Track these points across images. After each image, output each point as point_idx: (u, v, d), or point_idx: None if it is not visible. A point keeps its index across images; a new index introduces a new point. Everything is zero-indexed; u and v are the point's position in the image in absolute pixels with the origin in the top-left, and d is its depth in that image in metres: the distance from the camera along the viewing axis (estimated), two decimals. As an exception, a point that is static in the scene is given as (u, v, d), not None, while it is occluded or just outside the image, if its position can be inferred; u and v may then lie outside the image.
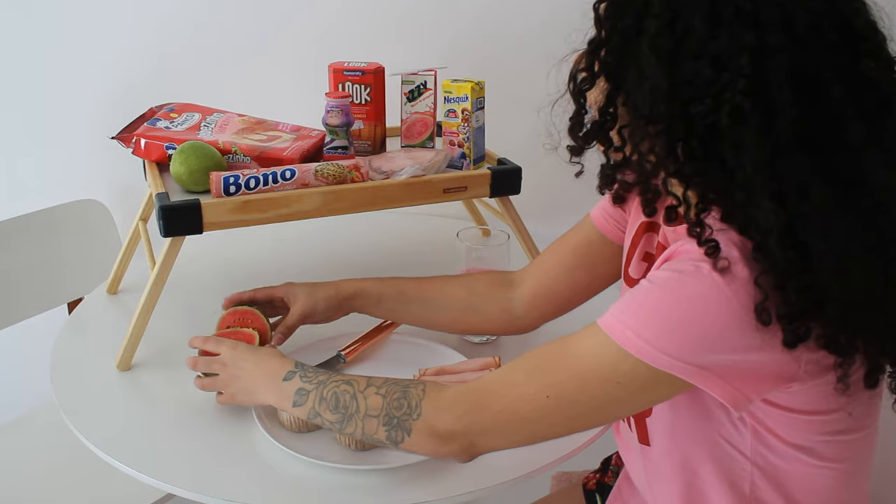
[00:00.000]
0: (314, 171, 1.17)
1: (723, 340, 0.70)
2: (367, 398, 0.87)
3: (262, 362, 0.97)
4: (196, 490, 0.93)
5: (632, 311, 0.74)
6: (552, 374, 0.78)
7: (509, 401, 0.80)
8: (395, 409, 0.85)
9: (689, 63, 0.69)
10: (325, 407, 0.89)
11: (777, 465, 0.82)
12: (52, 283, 1.55)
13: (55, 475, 1.34)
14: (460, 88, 1.28)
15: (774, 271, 0.68)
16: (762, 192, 0.68)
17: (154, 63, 1.66)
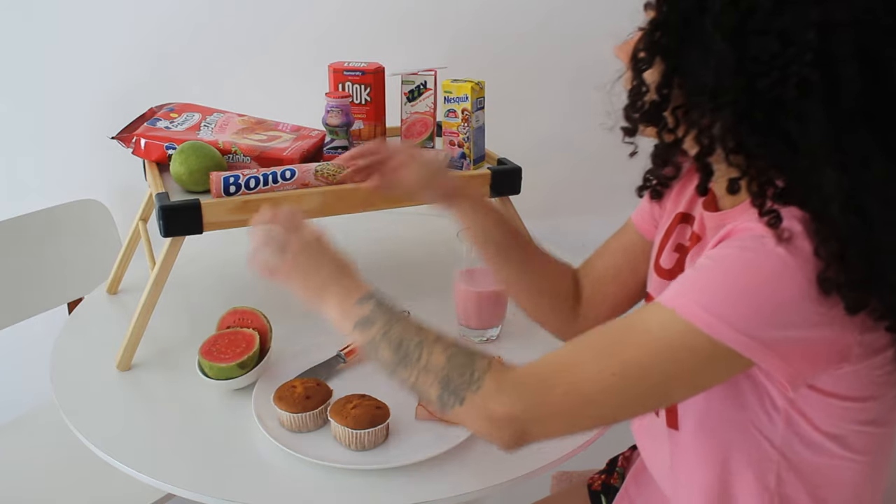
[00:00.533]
0: (314, 171, 1.17)
1: (786, 314, 0.71)
2: (433, 353, 0.82)
3: (339, 273, 0.91)
4: (196, 490, 0.93)
5: (697, 288, 0.74)
6: (619, 352, 0.76)
7: (574, 382, 0.77)
8: (457, 373, 0.80)
9: (755, 39, 0.70)
10: (388, 347, 0.84)
11: (804, 456, 0.82)
12: (52, 283, 1.55)
13: (55, 475, 1.34)
14: (460, 88, 1.28)
15: (836, 239, 0.69)
16: (826, 161, 0.70)
17: (154, 63, 1.66)
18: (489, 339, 1.23)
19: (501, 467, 0.96)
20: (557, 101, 1.66)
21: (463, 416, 0.80)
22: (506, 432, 0.79)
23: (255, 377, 1.09)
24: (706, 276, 0.74)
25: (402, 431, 1.01)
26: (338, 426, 0.98)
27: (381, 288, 1.40)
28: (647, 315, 0.77)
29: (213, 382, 1.07)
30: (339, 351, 1.15)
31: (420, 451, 0.97)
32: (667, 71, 0.77)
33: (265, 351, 1.12)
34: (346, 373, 1.14)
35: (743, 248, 0.72)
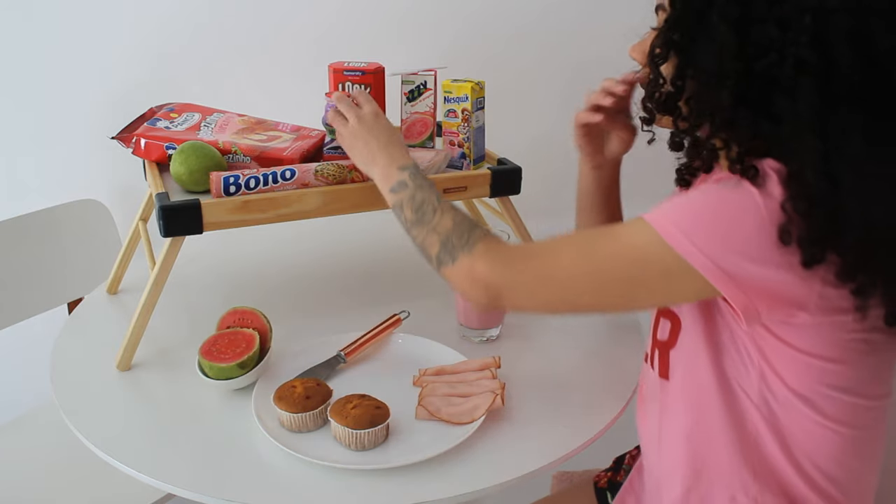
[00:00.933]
0: (314, 171, 1.17)
1: (746, 245, 0.77)
2: (443, 217, 0.98)
3: (389, 144, 1.09)
4: (196, 490, 0.93)
5: (672, 207, 0.82)
6: (591, 246, 0.87)
7: (548, 262, 0.88)
8: (457, 235, 0.95)
9: (756, 26, 0.78)
10: (411, 205, 1.01)
11: (778, 414, 0.87)
12: (52, 283, 1.55)
13: (55, 475, 1.34)
14: (460, 88, 1.28)
15: (805, 198, 0.75)
16: (809, 130, 0.76)
17: (154, 63, 1.66)
18: (489, 339, 1.23)
19: (501, 467, 0.96)
20: (557, 101, 1.65)
21: (452, 274, 0.95)
22: (482, 292, 0.92)
23: (255, 377, 1.09)
24: (684, 201, 0.82)
25: (402, 431, 1.01)
26: (338, 426, 0.98)
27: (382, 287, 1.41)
28: (627, 225, 0.86)
29: (213, 382, 1.07)
30: (339, 351, 1.15)
31: (420, 451, 0.97)
32: (681, 64, 0.84)
33: (265, 351, 1.12)
34: (346, 373, 1.14)
35: (721, 184, 0.80)
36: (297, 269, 1.47)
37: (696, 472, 0.93)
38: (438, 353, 1.16)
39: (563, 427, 1.03)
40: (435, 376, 1.11)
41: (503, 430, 1.02)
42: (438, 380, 1.10)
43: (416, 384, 1.10)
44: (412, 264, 1.49)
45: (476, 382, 1.08)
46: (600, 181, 1.18)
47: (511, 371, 1.13)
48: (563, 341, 1.24)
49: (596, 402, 1.08)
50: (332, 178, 1.18)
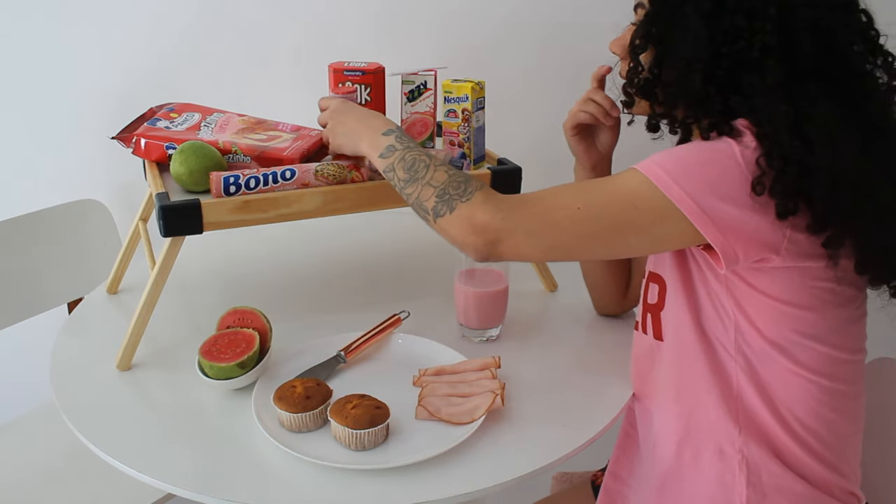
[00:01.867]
0: (314, 171, 1.17)
1: (725, 187, 0.85)
2: (436, 171, 0.99)
3: (366, 117, 1.12)
4: (196, 490, 0.93)
5: (661, 156, 0.89)
6: (588, 192, 0.94)
7: (547, 206, 0.93)
8: (453, 187, 0.97)
9: (727, 17, 0.86)
10: (402, 166, 1.02)
11: (755, 366, 0.94)
12: (52, 283, 1.55)
13: (55, 475, 1.34)
14: (460, 88, 1.28)
15: (780, 157, 0.83)
16: (779, 98, 0.85)
17: (154, 63, 1.66)
18: (489, 339, 1.23)
19: (501, 467, 0.96)
20: (557, 101, 1.65)
21: (449, 223, 0.96)
22: (481, 238, 0.93)
23: (255, 377, 1.09)
24: (672, 151, 0.90)
25: (402, 431, 1.01)
26: (338, 426, 0.98)
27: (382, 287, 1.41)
28: (621, 173, 0.92)
29: (213, 382, 1.07)
30: (339, 351, 1.15)
31: (420, 451, 0.97)
32: (658, 53, 0.92)
33: (265, 351, 1.11)
34: (346, 373, 1.14)
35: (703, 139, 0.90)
36: (297, 269, 1.47)
37: (686, 427, 0.99)
38: (438, 353, 1.16)
39: (563, 427, 1.03)
40: (435, 376, 1.11)
41: (503, 430, 1.02)
42: (438, 380, 1.10)
43: (416, 384, 1.10)
44: (412, 264, 1.50)
45: (476, 382, 1.08)
46: None
47: (511, 371, 1.13)
48: (562, 341, 1.24)
49: (596, 402, 1.08)
50: (332, 178, 1.18)
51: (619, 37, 1.03)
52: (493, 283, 1.20)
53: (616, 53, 1.04)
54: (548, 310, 1.34)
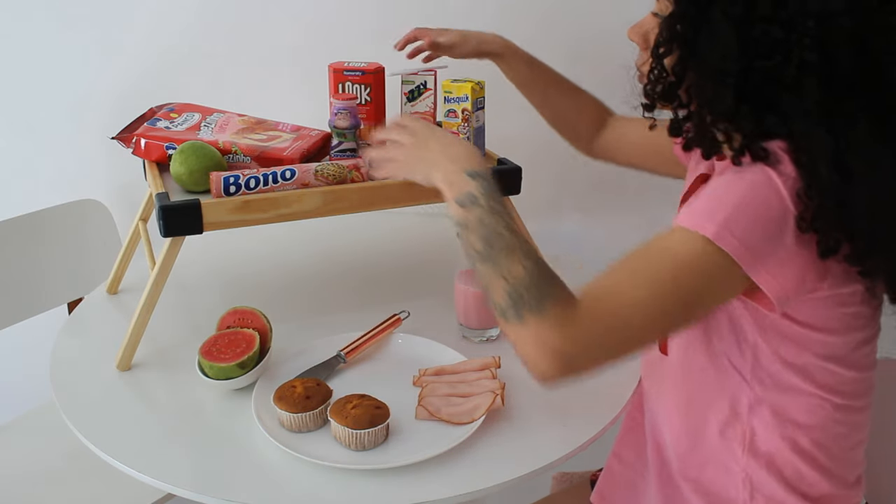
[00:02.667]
0: (314, 171, 1.17)
1: (773, 228, 0.80)
2: (516, 262, 0.83)
3: (451, 144, 0.97)
4: (196, 490, 0.93)
5: (704, 204, 0.83)
6: (649, 272, 0.82)
7: (616, 311, 0.82)
8: (529, 291, 0.81)
9: (759, 26, 0.80)
10: (479, 234, 0.86)
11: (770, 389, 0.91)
12: (52, 283, 1.55)
13: (55, 475, 1.34)
14: (460, 88, 1.28)
15: (817, 188, 0.78)
16: (817, 124, 0.79)
17: (154, 63, 1.66)
18: (489, 339, 1.23)
19: (501, 467, 0.96)
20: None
21: (517, 336, 0.82)
22: (552, 365, 0.80)
23: (255, 377, 1.09)
24: (710, 195, 0.84)
25: (402, 431, 1.01)
26: (338, 426, 0.98)
27: (382, 287, 1.40)
28: (668, 236, 0.84)
29: (213, 382, 1.07)
30: (339, 351, 1.15)
31: (420, 451, 0.97)
32: (682, 56, 0.85)
33: (265, 351, 1.11)
34: (346, 373, 1.14)
35: (740, 170, 0.82)
36: (297, 269, 1.47)
37: (693, 443, 0.97)
38: (438, 353, 1.16)
39: (563, 427, 1.03)
40: (435, 376, 1.11)
41: (503, 430, 1.02)
42: (438, 380, 1.10)
43: (416, 384, 1.10)
44: (412, 264, 1.50)
45: (476, 382, 1.08)
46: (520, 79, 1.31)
47: (511, 371, 1.13)
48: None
49: (596, 402, 1.08)
50: (332, 178, 1.18)
51: (638, 24, 0.96)
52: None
53: (634, 41, 0.98)
54: (548, 310, 1.33)
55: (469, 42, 1.29)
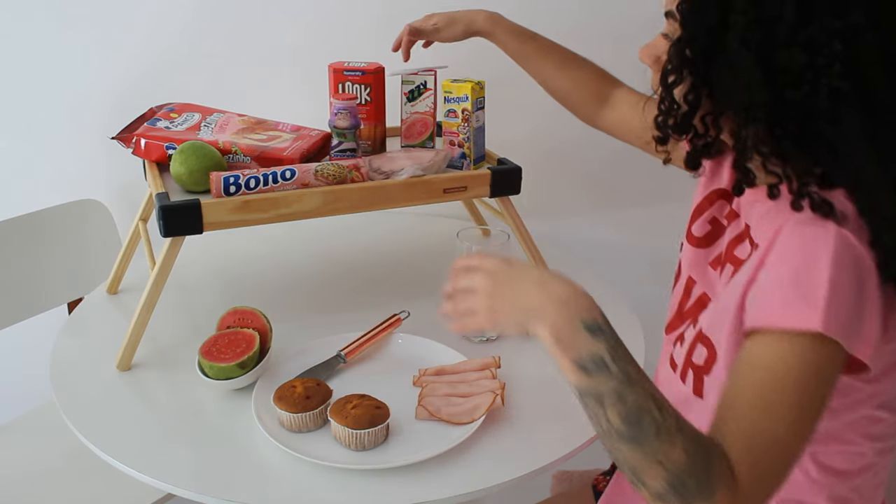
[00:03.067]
0: (314, 171, 1.17)
1: (863, 290, 0.73)
2: (674, 446, 0.71)
3: (549, 281, 0.78)
4: (196, 490, 0.93)
5: (793, 294, 0.73)
6: (783, 402, 0.73)
7: (774, 459, 0.74)
8: (694, 478, 0.71)
9: (781, 51, 0.73)
10: (618, 411, 0.72)
11: (814, 444, 0.84)
12: (52, 283, 1.55)
13: (55, 475, 1.34)
14: (460, 88, 1.28)
15: (889, 235, 0.73)
16: (866, 158, 0.74)
17: (154, 63, 1.66)
18: (489, 339, 1.23)
19: (501, 467, 0.96)
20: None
21: None
22: None
23: (255, 377, 1.09)
24: (798, 280, 0.73)
25: (402, 431, 1.01)
26: (338, 426, 0.98)
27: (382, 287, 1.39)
28: (769, 353, 0.74)
29: (213, 382, 1.07)
30: (339, 351, 1.15)
31: (420, 451, 0.97)
32: (695, 83, 0.79)
33: (265, 351, 1.11)
34: (346, 373, 1.14)
35: (807, 235, 0.74)
36: (297, 269, 1.47)
37: None
38: (438, 353, 1.16)
39: (563, 427, 1.03)
40: (435, 376, 1.11)
41: (503, 430, 1.02)
42: (438, 380, 1.10)
43: (416, 384, 1.10)
44: (412, 264, 1.50)
45: (476, 382, 1.08)
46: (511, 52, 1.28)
47: (511, 371, 1.13)
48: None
49: (596, 402, 1.08)
50: (332, 178, 1.18)
51: (649, 44, 0.89)
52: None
53: (646, 63, 0.91)
54: (548, 310, 1.33)
55: (456, 24, 1.28)
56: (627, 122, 1.21)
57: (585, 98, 1.26)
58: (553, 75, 1.27)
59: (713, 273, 0.97)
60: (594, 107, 1.26)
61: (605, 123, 1.26)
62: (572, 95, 1.27)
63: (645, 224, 1.72)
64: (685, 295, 1.00)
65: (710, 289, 0.96)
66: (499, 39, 1.27)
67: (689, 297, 0.99)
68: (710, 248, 0.98)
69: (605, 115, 1.25)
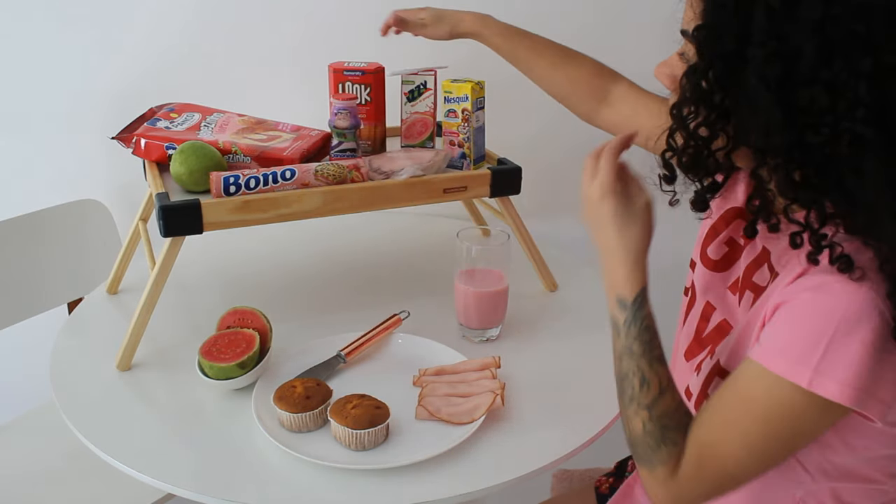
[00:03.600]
0: (314, 171, 1.17)
1: (878, 353, 0.70)
2: (635, 417, 0.84)
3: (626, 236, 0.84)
4: (196, 490, 0.93)
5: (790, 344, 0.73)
6: (741, 426, 0.77)
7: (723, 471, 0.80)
8: (642, 447, 0.83)
9: (802, 90, 0.68)
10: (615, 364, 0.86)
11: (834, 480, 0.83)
12: (52, 283, 1.55)
13: (55, 475, 1.34)
14: (460, 88, 1.28)
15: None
16: (887, 213, 0.69)
17: (154, 63, 1.66)
18: (489, 339, 1.23)
19: (501, 467, 0.96)
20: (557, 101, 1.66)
21: (641, 476, 0.86)
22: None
23: (255, 377, 1.09)
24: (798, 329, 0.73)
25: (402, 431, 1.01)
26: (338, 426, 0.98)
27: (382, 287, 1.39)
28: (753, 381, 0.76)
29: (213, 382, 1.07)
30: (339, 351, 1.15)
31: (420, 451, 0.97)
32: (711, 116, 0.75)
33: (265, 351, 1.11)
34: (346, 373, 1.14)
35: (821, 293, 0.72)
36: (297, 269, 1.47)
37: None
38: (438, 353, 1.16)
39: (563, 427, 1.03)
40: (435, 376, 1.11)
41: (503, 430, 1.02)
42: (438, 380, 1.10)
43: (416, 384, 1.10)
44: (412, 264, 1.50)
45: (476, 382, 1.08)
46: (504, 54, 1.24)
47: (511, 371, 1.13)
48: (562, 341, 1.24)
49: (596, 402, 1.08)
50: (332, 178, 1.18)
51: (666, 62, 0.85)
52: (493, 283, 1.20)
53: (662, 82, 0.86)
54: (548, 310, 1.33)
55: (443, 23, 1.24)
56: (629, 123, 1.17)
57: (583, 96, 1.22)
58: (548, 74, 1.23)
59: (732, 298, 0.94)
60: (593, 105, 1.21)
61: (606, 122, 1.22)
62: (570, 94, 1.23)
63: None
64: (703, 320, 0.97)
65: (731, 315, 0.94)
66: (488, 41, 1.24)
67: (708, 322, 0.96)
68: (728, 272, 0.95)
69: (605, 114, 1.21)
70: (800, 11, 0.67)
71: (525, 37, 1.24)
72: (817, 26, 0.66)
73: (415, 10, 1.27)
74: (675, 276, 1.14)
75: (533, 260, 1.36)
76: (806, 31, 0.67)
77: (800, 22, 0.67)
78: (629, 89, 1.19)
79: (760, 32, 0.69)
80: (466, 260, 1.20)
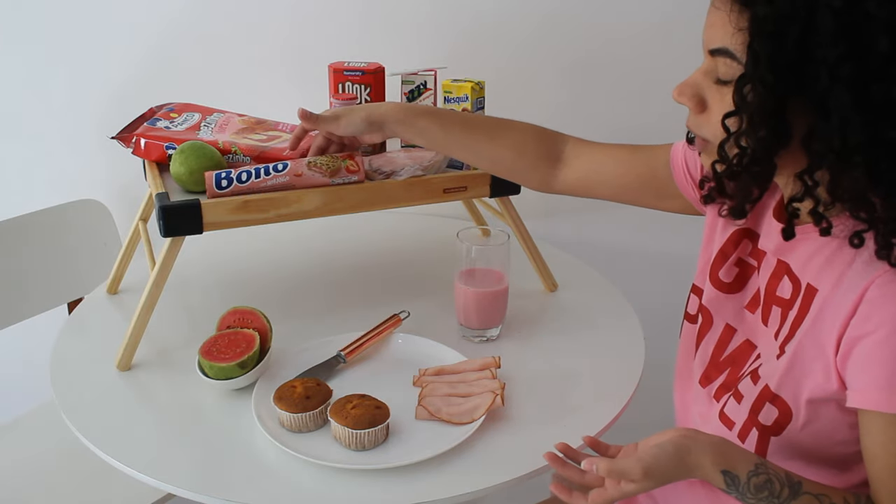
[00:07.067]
0: (307, 162, 1.17)
1: None
2: None
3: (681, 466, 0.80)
4: (196, 490, 0.93)
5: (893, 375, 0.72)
6: None
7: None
8: None
9: (876, 86, 0.67)
10: None
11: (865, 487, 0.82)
12: (52, 283, 1.55)
13: (55, 475, 1.34)
14: (460, 88, 1.28)
15: None
16: None
17: (154, 63, 1.66)
18: (489, 339, 1.23)
19: (501, 467, 0.96)
20: (557, 101, 1.66)
21: None
22: None
23: (255, 377, 1.09)
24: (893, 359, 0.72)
25: (402, 431, 1.01)
26: (338, 426, 0.98)
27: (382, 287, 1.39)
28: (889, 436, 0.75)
29: (213, 382, 1.07)
30: (339, 351, 1.15)
31: (420, 451, 0.97)
32: (772, 127, 0.73)
33: (265, 351, 1.12)
34: (346, 373, 1.14)
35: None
36: (298, 269, 1.47)
37: None
38: (438, 353, 1.16)
39: (563, 427, 1.03)
40: (435, 376, 1.11)
41: (503, 430, 1.02)
42: (438, 380, 1.10)
43: (416, 384, 1.10)
44: (412, 264, 1.50)
45: (476, 382, 1.08)
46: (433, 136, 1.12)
47: (511, 371, 1.13)
48: (563, 341, 1.24)
49: (596, 402, 1.08)
50: (325, 169, 1.17)
51: (688, 83, 0.81)
52: (493, 283, 1.20)
53: (684, 104, 0.82)
54: (548, 310, 1.34)
55: (356, 112, 1.11)
56: (594, 176, 1.10)
57: (533, 162, 1.12)
58: (487, 147, 1.11)
59: (751, 317, 0.93)
60: (546, 170, 1.13)
61: (566, 185, 1.13)
62: (517, 163, 1.13)
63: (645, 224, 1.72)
64: (721, 343, 0.96)
65: (753, 335, 0.93)
66: (414, 127, 1.10)
67: (727, 345, 0.96)
68: (742, 293, 0.95)
69: (563, 176, 1.13)
70: (867, 8, 0.67)
71: (453, 113, 1.14)
72: (889, 23, 0.66)
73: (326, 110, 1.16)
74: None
75: (533, 260, 1.36)
76: (878, 27, 0.67)
77: (870, 20, 0.67)
78: (580, 144, 1.13)
79: (828, 34, 0.68)
80: (466, 260, 1.20)
